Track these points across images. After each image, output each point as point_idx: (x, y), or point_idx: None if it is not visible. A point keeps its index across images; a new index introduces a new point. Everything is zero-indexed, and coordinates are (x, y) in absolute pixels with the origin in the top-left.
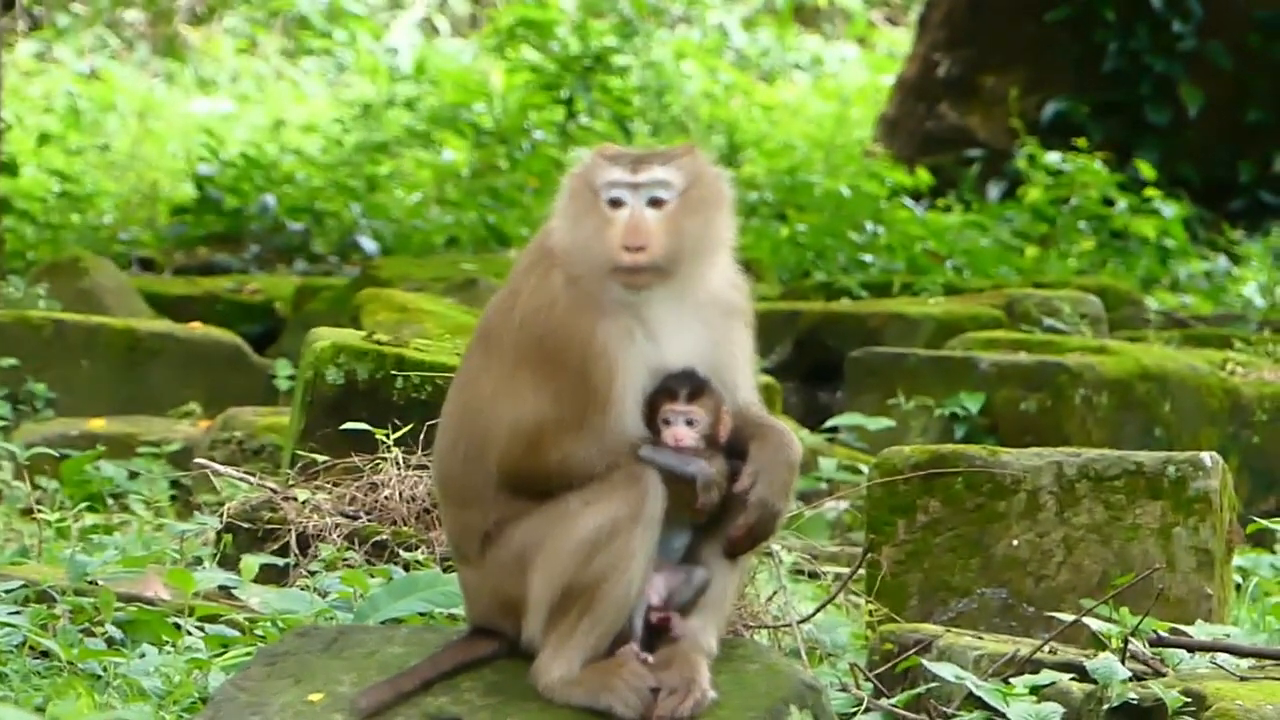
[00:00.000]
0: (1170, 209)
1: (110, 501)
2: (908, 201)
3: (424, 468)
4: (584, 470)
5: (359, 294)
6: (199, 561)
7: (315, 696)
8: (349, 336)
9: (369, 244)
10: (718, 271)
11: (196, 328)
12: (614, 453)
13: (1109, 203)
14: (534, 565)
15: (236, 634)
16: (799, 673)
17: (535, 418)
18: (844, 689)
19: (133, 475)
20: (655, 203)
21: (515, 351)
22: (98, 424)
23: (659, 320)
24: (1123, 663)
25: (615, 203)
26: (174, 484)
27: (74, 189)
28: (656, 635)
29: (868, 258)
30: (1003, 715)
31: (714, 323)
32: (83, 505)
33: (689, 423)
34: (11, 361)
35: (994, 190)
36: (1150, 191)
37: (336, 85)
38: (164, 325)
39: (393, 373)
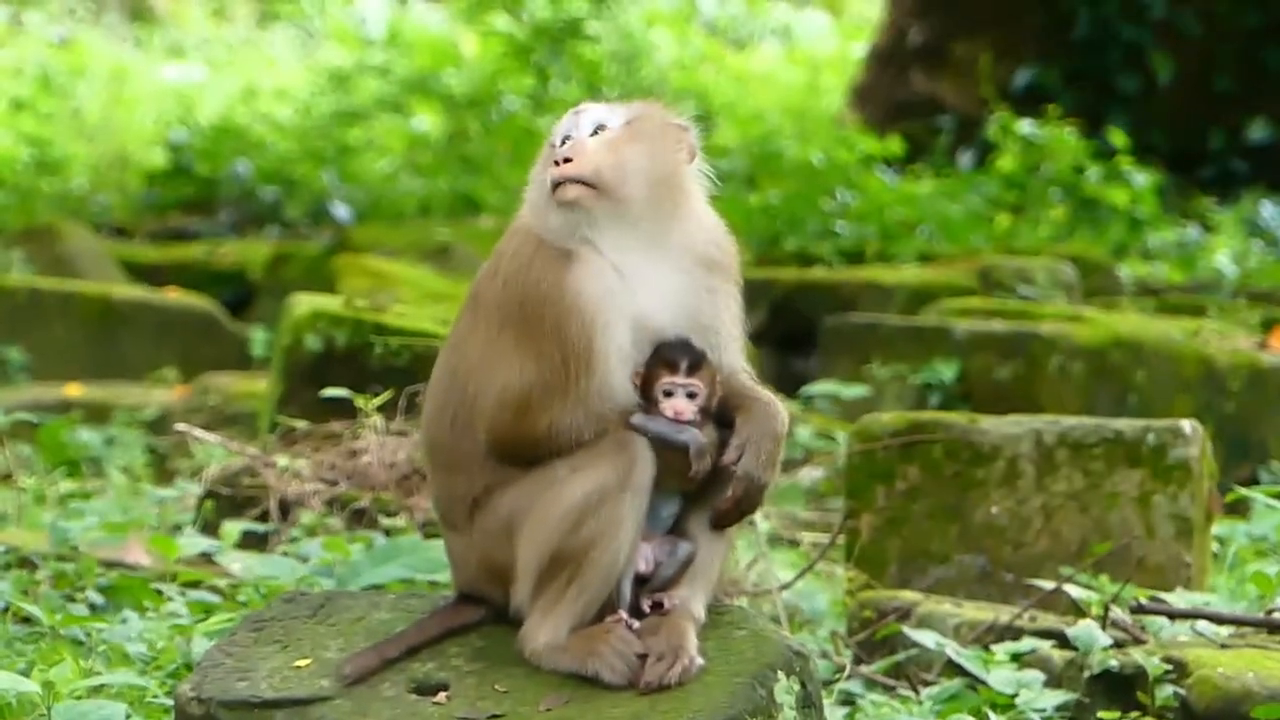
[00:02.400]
0: (1141, 177)
1: (87, 467)
2: (879, 169)
3: (403, 434)
4: (572, 437)
5: (334, 260)
6: (179, 528)
7: (302, 662)
8: (327, 303)
9: (342, 211)
10: (693, 223)
11: (172, 293)
12: (602, 419)
13: (1080, 171)
14: (522, 532)
15: (218, 600)
16: (785, 639)
17: (522, 383)
18: (825, 656)
19: (109, 441)
20: (595, 132)
21: (499, 315)
22: (73, 390)
23: (631, 267)
24: (1103, 630)
25: (562, 142)
26: (150, 450)
27: (46, 155)
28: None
29: (839, 225)
30: (983, 682)
31: (695, 275)
32: (60, 471)
33: (690, 395)
34: None
35: (965, 158)
36: (1122, 160)
37: (307, 52)
38: (139, 291)
39: (371, 339)
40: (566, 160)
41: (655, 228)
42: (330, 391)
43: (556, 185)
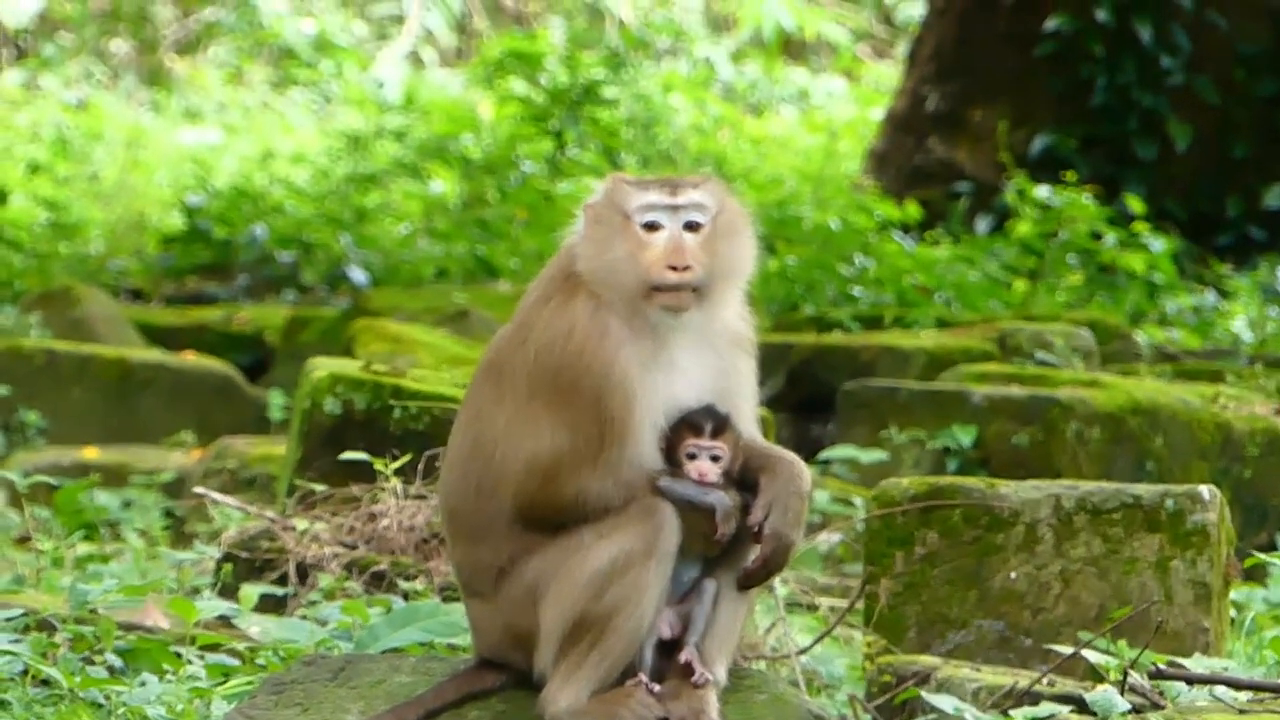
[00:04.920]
0: (1158, 243)
1: (104, 530)
2: (897, 235)
3: (422, 497)
4: (600, 504)
5: (352, 324)
6: (197, 591)
7: None
8: (346, 366)
9: (358, 275)
10: (734, 306)
11: (189, 357)
12: (630, 486)
13: (1097, 237)
14: (546, 597)
15: (237, 663)
16: (806, 703)
17: (551, 451)
18: None
19: (126, 504)
20: (691, 226)
21: (529, 384)
22: (90, 453)
23: (679, 349)
24: (1122, 695)
25: (651, 226)
26: (167, 513)
27: (62, 218)
28: (666, 663)
29: (857, 290)
30: None
31: (724, 353)
32: (77, 534)
33: (714, 458)
34: (3, 390)
35: (982, 224)
36: (1138, 226)
37: (324, 116)
38: (156, 355)
39: (390, 403)
40: (685, 267)
41: (713, 313)
42: (349, 455)
43: (665, 289)
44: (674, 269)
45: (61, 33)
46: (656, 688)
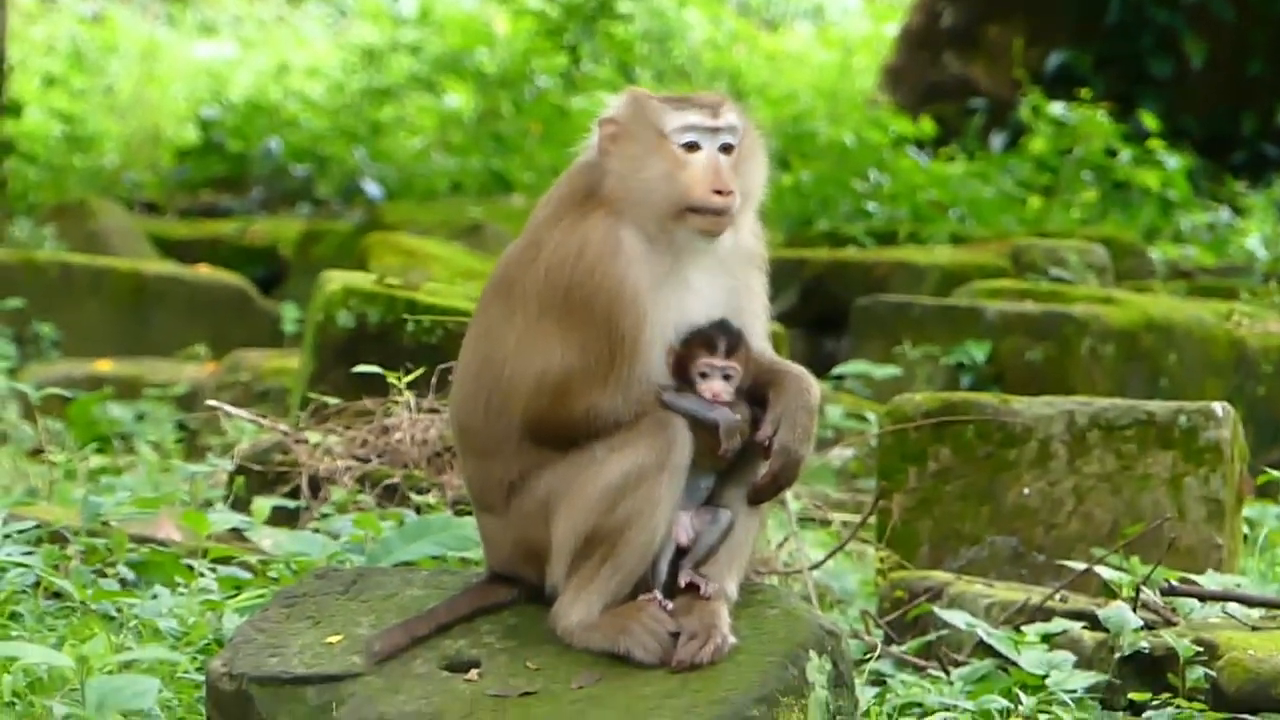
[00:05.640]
0: (1173, 160)
1: (117, 443)
2: (911, 151)
3: (435, 411)
4: (610, 420)
5: (366, 238)
6: (209, 504)
7: (334, 638)
8: (360, 280)
9: (373, 189)
10: (748, 224)
11: (203, 270)
12: (641, 403)
13: (1112, 154)
14: (558, 512)
15: (249, 576)
16: (818, 618)
17: (562, 369)
18: (855, 635)
19: (139, 417)
20: (726, 149)
21: (540, 302)
22: (104, 366)
23: (693, 268)
24: (1134, 611)
25: (691, 146)
26: (180, 426)
27: (77, 131)
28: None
29: (871, 206)
30: (1014, 663)
31: (737, 271)
32: (90, 447)
33: (726, 377)
34: (17, 303)
35: (997, 140)
36: (1153, 143)
37: (338, 30)
38: (170, 268)
39: (404, 316)
40: (729, 192)
41: (730, 237)
42: (362, 368)
43: (705, 211)
44: (719, 193)
45: None
46: (669, 604)
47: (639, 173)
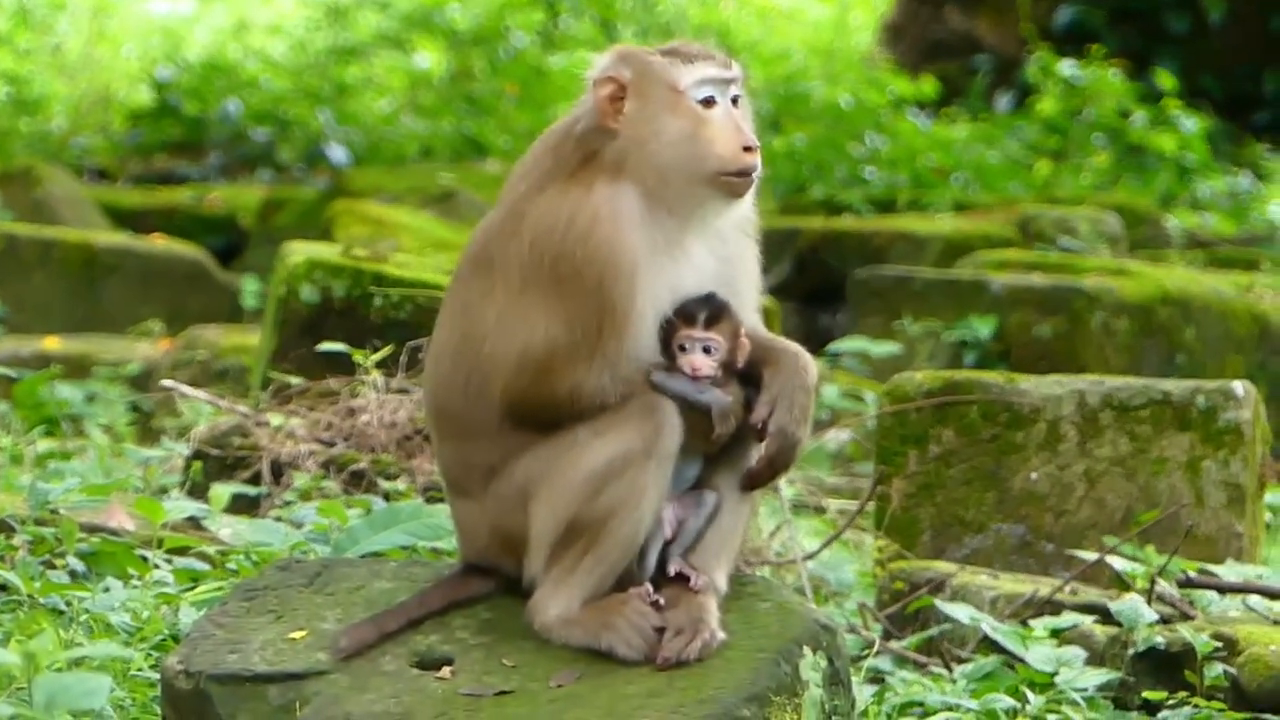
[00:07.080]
0: (1191, 122)
1: (66, 426)
2: (911, 112)
3: (405, 391)
4: (596, 400)
5: (331, 206)
6: (164, 490)
7: (298, 634)
8: (324, 251)
9: (338, 153)
10: None
11: (158, 241)
12: (628, 382)
13: (1125, 115)
14: (538, 498)
15: (207, 567)
16: (812, 612)
17: (545, 344)
18: (852, 630)
19: (90, 398)
20: (736, 101)
21: (523, 274)
22: (51, 343)
23: (691, 236)
24: (1149, 604)
25: (709, 101)
26: (134, 407)
27: (23, 93)
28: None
29: (869, 172)
30: (1021, 659)
31: (730, 239)
32: (38, 429)
33: (706, 350)
34: None
35: (1003, 101)
36: (1170, 103)
37: None
38: (122, 239)
39: (371, 290)
40: (757, 148)
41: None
42: (327, 346)
43: (741, 174)
44: (750, 151)
45: None
46: (659, 598)
47: (658, 135)
